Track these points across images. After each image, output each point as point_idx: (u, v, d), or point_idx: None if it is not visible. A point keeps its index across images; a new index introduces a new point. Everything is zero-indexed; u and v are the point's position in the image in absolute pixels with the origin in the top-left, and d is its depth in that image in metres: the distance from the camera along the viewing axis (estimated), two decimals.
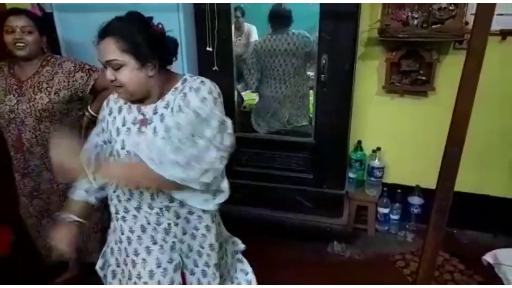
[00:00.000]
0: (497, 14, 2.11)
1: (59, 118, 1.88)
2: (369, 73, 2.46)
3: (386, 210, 2.63)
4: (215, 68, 2.31)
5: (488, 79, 2.24)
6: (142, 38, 1.17)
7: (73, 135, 1.65)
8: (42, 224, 2.05)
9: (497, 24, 2.15)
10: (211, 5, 2.20)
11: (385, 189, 2.61)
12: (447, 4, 2.09)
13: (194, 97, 1.19)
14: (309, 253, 2.50)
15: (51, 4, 2.22)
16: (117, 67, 1.16)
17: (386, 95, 2.49)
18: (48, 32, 1.90)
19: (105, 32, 1.17)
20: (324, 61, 2.20)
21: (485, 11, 0.95)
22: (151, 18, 1.23)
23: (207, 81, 1.25)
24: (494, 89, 2.30)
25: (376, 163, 2.57)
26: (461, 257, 2.39)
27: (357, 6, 2.10)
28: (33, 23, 1.79)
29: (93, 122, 1.90)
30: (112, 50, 1.15)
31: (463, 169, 2.40)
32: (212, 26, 2.24)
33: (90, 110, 1.94)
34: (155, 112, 1.25)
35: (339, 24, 2.11)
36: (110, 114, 1.34)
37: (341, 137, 2.41)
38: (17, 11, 1.81)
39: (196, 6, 2.24)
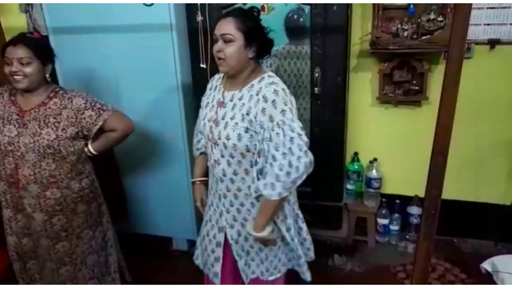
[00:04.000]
0: (485, 24, 2.16)
1: (63, 156, 1.72)
2: (363, 84, 2.49)
3: (385, 221, 2.62)
4: None
5: (480, 87, 2.28)
6: (253, 24, 1.42)
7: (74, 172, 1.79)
8: (27, 267, 1.86)
9: (485, 34, 2.18)
10: (203, 22, 2.24)
11: (383, 199, 2.61)
12: (435, 15, 2.12)
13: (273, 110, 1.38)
14: (310, 267, 2.47)
15: (46, 27, 2.26)
16: (228, 40, 1.38)
17: (380, 106, 2.51)
18: (52, 59, 1.76)
19: (227, 14, 1.44)
20: (317, 74, 2.23)
21: (461, 17, 0.97)
22: (260, 19, 1.46)
23: (280, 91, 1.41)
24: (487, 97, 2.33)
25: (373, 174, 2.57)
26: (462, 266, 2.38)
27: (347, 19, 2.14)
28: (32, 53, 1.63)
29: (90, 158, 1.85)
30: (230, 27, 1.38)
31: (462, 177, 2.46)
32: (205, 43, 2.27)
33: (90, 146, 1.80)
34: (231, 99, 1.48)
35: (330, 37, 2.15)
36: (210, 89, 1.64)
37: (337, 149, 2.42)
38: (15, 41, 1.64)
39: (189, 24, 2.28)
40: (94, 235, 1.91)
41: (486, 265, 1.77)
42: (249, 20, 1.41)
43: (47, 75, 1.73)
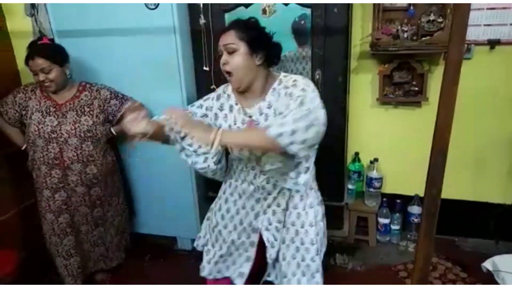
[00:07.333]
0: (485, 25, 2.17)
1: (98, 138, 2.10)
2: (363, 86, 2.51)
3: (386, 221, 2.64)
4: (213, 86, 2.35)
5: (480, 88, 2.30)
6: (255, 32, 1.43)
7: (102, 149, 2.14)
8: (63, 243, 2.14)
9: (485, 34, 2.20)
10: (207, 25, 2.27)
11: (384, 199, 2.63)
12: (435, 17, 2.14)
13: (295, 89, 1.41)
14: None
15: (52, 30, 2.30)
16: (232, 51, 1.40)
17: (380, 107, 2.53)
18: (67, 59, 2.03)
19: (228, 27, 1.46)
20: (318, 76, 2.25)
21: (460, 18, 0.99)
22: (262, 26, 1.49)
23: (300, 78, 1.45)
24: (487, 97, 2.35)
25: (374, 173, 2.59)
26: (463, 266, 2.39)
27: (348, 20, 2.17)
28: (49, 61, 1.91)
29: (111, 139, 2.25)
30: (231, 37, 1.40)
31: (462, 177, 2.48)
32: (208, 46, 2.30)
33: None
34: (260, 113, 1.48)
35: (330, 39, 2.18)
36: (221, 109, 1.56)
37: (338, 150, 2.44)
38: (32, 54, 1.89)
39: (192, 27, 2.31)
40: (119, 200, 2.35)
41: (487, 264, 1.79)
42: (250, 29, 1.43)
43: (67, 73, 2.04)
